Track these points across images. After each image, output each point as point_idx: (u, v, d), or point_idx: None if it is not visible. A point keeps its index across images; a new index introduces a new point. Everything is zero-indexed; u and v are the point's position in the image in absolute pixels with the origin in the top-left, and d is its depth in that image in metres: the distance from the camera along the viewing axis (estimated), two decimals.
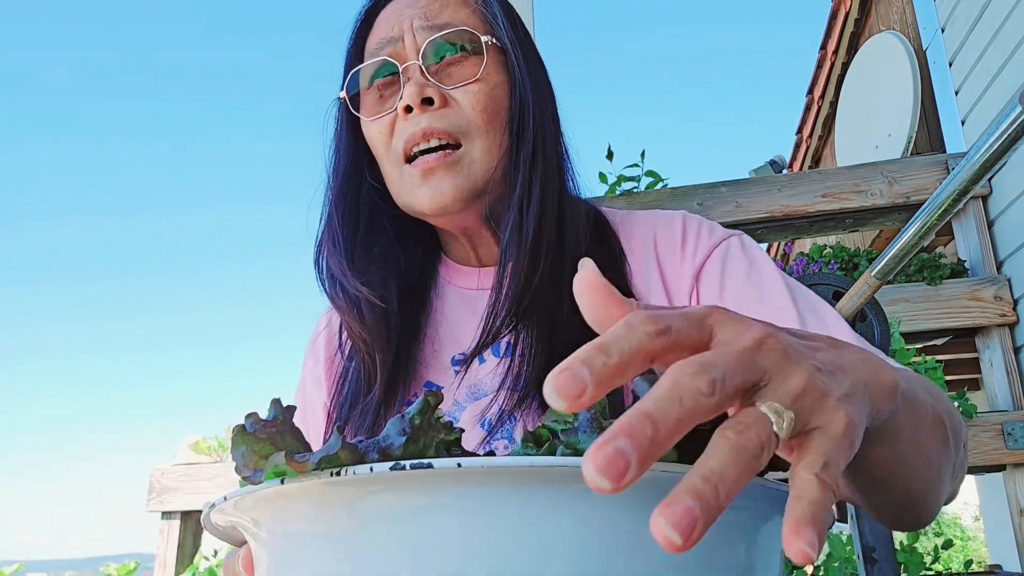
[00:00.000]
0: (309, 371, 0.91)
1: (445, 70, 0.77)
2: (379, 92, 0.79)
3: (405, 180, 0.77)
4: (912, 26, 3.48)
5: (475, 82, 0.76)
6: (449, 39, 0.76)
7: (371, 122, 0.78)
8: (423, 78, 0.75)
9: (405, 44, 0.77)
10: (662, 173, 2.87)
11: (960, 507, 10.83)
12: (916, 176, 2.59)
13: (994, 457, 2.25)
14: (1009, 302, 2.43)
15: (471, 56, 0.77)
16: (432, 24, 0.77)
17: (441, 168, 0.75)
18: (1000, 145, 0.99)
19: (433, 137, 0.75)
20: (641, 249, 0.82)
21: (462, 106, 0.76)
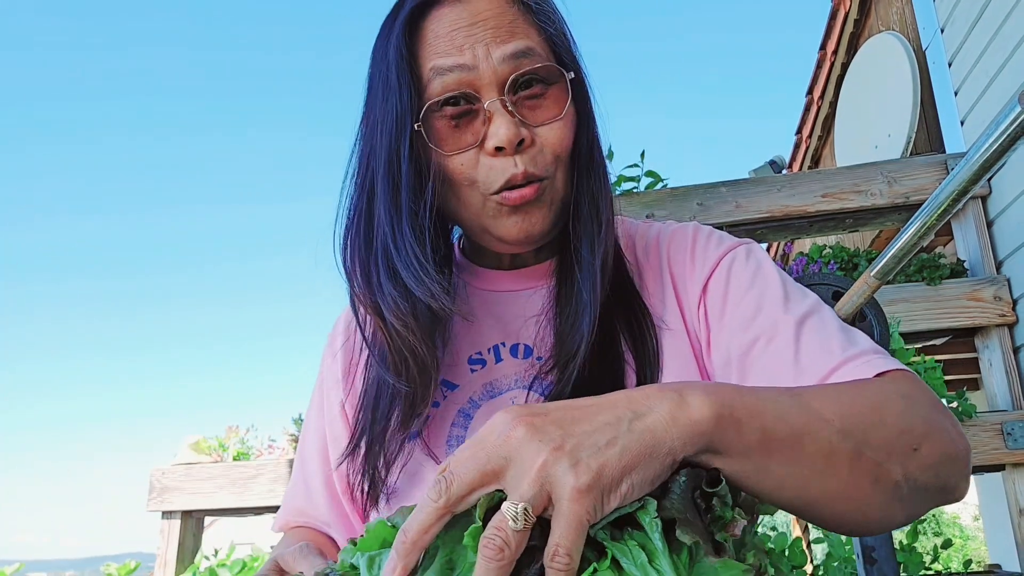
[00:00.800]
0: (328, 369, 0.91)
1: (528, 104, 0.74)
2: (452, 122, 0.74)
3: (489, 208, 0.76)
4: (912, 26, 3.48)
5: (560, 120, 0.75)
6: (534, 75, 0.73)
7: (449, 156, 0.74)
8: (512, 116, 0.72)
9: (482, 73, 0.72)
10: (662, 173, 2.87)
11: (960, 507, 10.83)
12: (915, 176, 2.59)
13: (993, 457, 2.25)
14: (1008, 302, 2.43)
15: (551, 90, 0.75)
16: (511, 49, 0.72)
17: (534, 202, 0.75)
18: (999, 145, 1.00)
19: (530, 179, 0.74)
20: (656, 262, 0.83)
21: (548, 144, 0.75)
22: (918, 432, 0.57)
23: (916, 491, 0.57)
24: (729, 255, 0.79)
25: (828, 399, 0.55)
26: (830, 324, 0.70)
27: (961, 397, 2.33)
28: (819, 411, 0.53)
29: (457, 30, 0.73)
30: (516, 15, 0.75)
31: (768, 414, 0.50)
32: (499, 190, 0.74)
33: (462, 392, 0.81)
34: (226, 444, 3.12)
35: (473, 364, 0.82)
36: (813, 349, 0.67)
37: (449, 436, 0.79)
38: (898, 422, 0.56)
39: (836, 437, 0.53)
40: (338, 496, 0.87)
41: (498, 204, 0.75)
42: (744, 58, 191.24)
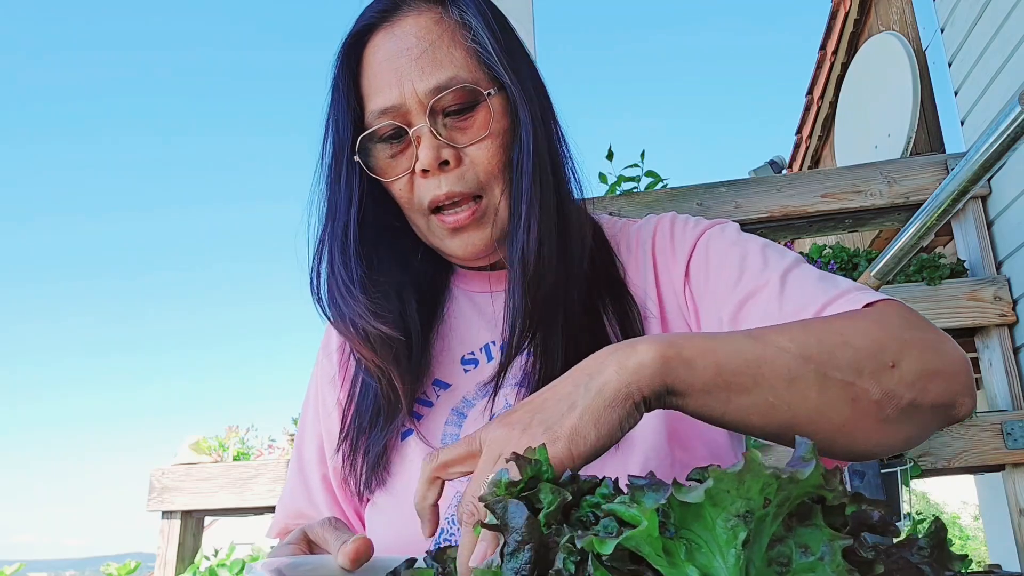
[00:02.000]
0: (323, 371, 0.93)
1: (454, 125, 0.78)
2: (388, 151, 0.79)
3: (434, 229, 0.80)
4: (912, 26, 3.48)
5: (486, 138, 0.78)
6: (455, 97, 0.76)
7: (389, 184, 0.80)
8: (436, 139, 0.76)
9: (408, 103, 0.77)
10: (662, 173, 2.87)
11: (959, 507, 10.83)
12: (915, 176, 2.59)
13: (993, 457, 2.25)
14: (1008, 302, 2.43)
15: (478, 107, 0.78)
16: (433, 81, 0.76)
17: (471, 225, 0.79)
18: (999, 145, 1.00)
19: (455, 197, 0.78)
20: (639, 255, 0.85)
21: (477, 162, 0.78)
22: (892, 349, 0.57)
23: (904, 410, 0.56)
24: (705, 235, 0.81)
25: (788, 331, 0.57)
26: (811, 274, 0.72)
27: None
28: (775, 341, 0.56)
29: (387, 61, 0.78)
30: (442, 36, 0.77)
31: (720, 351, 0.54)
32: (429, 209, 0.79)
33: (455, 391, 0.83)
34: (226, 444, 3.12)
35: (466, 364, 0.84)
36: (796, 297, 0.69)
37: (443, 434, 0.81)
38: (866, 342, 0.57)
39: (795, 362, 0.55)
40: (336, 494, 0.88)
41: (439, 227, 0.80)
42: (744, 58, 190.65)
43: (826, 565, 0.35)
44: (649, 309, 0.81)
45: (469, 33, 0.78)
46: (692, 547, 0.36)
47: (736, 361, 0.54)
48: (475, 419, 0.80)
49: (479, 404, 0.81)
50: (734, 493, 0.34)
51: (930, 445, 2.26)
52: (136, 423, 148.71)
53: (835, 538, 0.35)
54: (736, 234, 0.80)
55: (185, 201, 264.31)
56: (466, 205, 0.78)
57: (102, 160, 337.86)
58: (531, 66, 0.83)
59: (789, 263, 0.73)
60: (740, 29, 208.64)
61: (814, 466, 0.34)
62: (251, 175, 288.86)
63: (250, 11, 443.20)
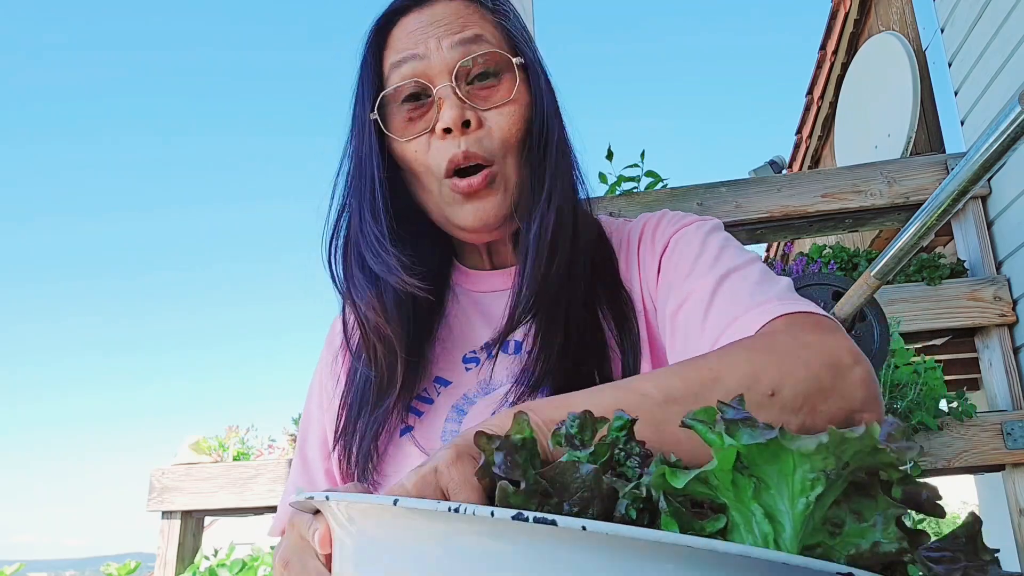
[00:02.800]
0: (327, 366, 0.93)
1: (478, 90, 0.78)
2: (408, 114, 0.79)
3: (445, 195, 0.79)
4: (912, 26, 3.48)
5: (508, 104, 0.78)
6: (482, 59, 0.77)
7: (404, 143, 0.79)
8: (459, 100, 0.76)
9: (433, 62, 0.77)
10: (662, 173, 2.88)
11: (959, 506, 10.84)
12: (915, 176, 2.59)
13: (993, 457, 2.25)
14: (1008, 302, 2.43)
15: (502, 76, 0.79)
16: (461, 39, 0.77)
17: (484, 189, 0.78)
18: (999, 145, 1.00)
19: (473, 160, 0.77)
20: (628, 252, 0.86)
21: (497, 127, 0.78)
22: (770, 376, 0.54)
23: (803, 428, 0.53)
24: (680, 231, 0.81)
25: (655, 376, 0.56)
26: (751, 277, 0.69)
27: (961, 397, 2.33)
28: (639, 388, 0.54)
29: (415, 31, 0.79)
30: (472, 12, 0.80)
31: (577, 408, 0.49)
32: (446, 173, 0.77)
33: (456, 388, 0.83)
34: (226, 444, 3.12)
35: (468, 363, 0.85)
36: (722, 303, 0.68)
37: (443, 431, 0.81)
38: (738, 375, 0.55)
39: (659, 408, 0.52)
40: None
41: (452, 192, 0.78)
42: (744, 58, 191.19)
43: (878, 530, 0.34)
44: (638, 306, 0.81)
45: (499, 15, 0.82)
46: (760, 486, 0.35)
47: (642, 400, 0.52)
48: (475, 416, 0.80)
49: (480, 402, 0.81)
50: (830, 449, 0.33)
51: (930, 445, 2.26)
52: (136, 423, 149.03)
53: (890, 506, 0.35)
54: (707, 232, 0.78)
55: (185, 201, 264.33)
56: (480, 172, 0.78)
57: (102, 160, 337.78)
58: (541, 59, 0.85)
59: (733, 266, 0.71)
60: (740, 29, 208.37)
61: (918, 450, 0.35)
62: (251, 175, 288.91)
63: (250, 11, 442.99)
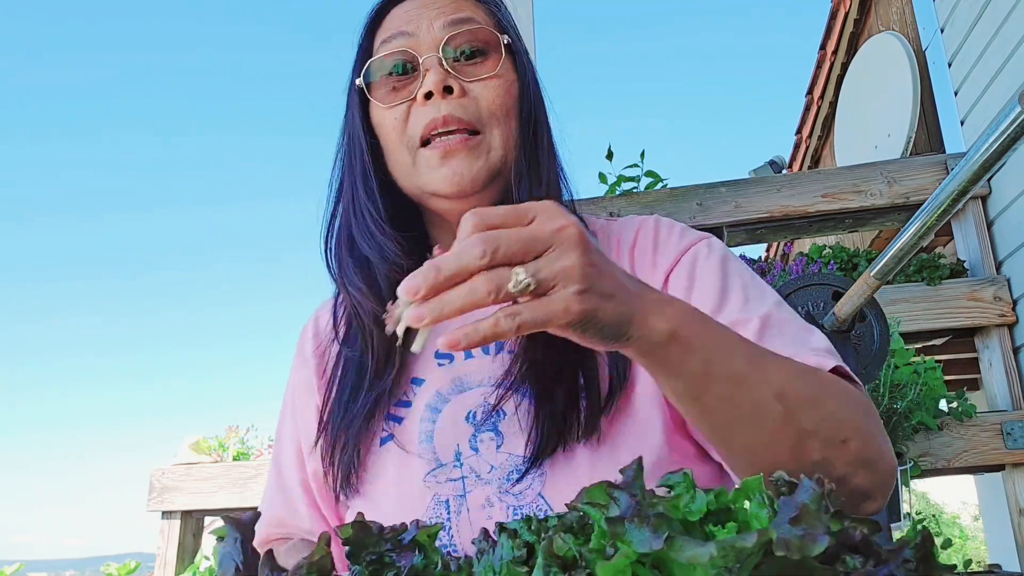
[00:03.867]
0: (300, 377, 0.91)
1: (463, 65, 0.80)
2: (393, 84, 0.81)
3: (420, 163, 0.79)
4: (912, 26, 3.48)
5: (493, 77, 0.80)
6: (469, 35, 0.80)
7: (386, 109, 0.80)
8: (443, 69, 0.78)
9: (422, 39, 0.79)
10: (662, 173, 2.87)
11: (960, 507, 10.83)
12: (915, 176, 2.59)
13: (993, 457, 2.25)
14: (1008, 302, 2.43)
15: (488, 53, 0.81)
16: (451, 19, 0.80)
17: (462, 151, 0.78)
18: (999, 145, 1.00)
19: (453, 124, 0.77)
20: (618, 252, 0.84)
21: (480, 99, 0.79)
22: (849, 427, 0.60)
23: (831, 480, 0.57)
24: (692, 250, 0.80)
25: (781, 365, 0.59)
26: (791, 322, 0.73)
27: (961, 397, 2.33)
28: (765, 368, 0.58)
29: (409, 11, 0.82)
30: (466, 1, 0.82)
31: (717, 349, 0.55)
32: (422, 138, 0.78)
33: (428, 387, 0.81)
34: (226, 444, 3.12)
35: (440, 358, 0.82)
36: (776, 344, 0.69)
37: (420, 433, 0.79)
38: (834, 411, 0.60)
39: (772, 398, 0.57)
40: (317, 502, 0.86)
41: (427, 157, 0.79)
42: (744, 58, 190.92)
43: None
44: None
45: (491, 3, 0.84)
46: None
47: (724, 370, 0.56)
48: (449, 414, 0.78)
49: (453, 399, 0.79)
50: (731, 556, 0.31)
51: (930, 445, 2.26)
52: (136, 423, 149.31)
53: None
54: (722, 258, 0.79)
55: (185, 201, 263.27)
56: (459, 134, 0.78)
57: (102, 160, 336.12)
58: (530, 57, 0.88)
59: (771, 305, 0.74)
60: (740, 29, 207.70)
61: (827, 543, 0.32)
62: (251, 175, 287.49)
63: (250, 11, 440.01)
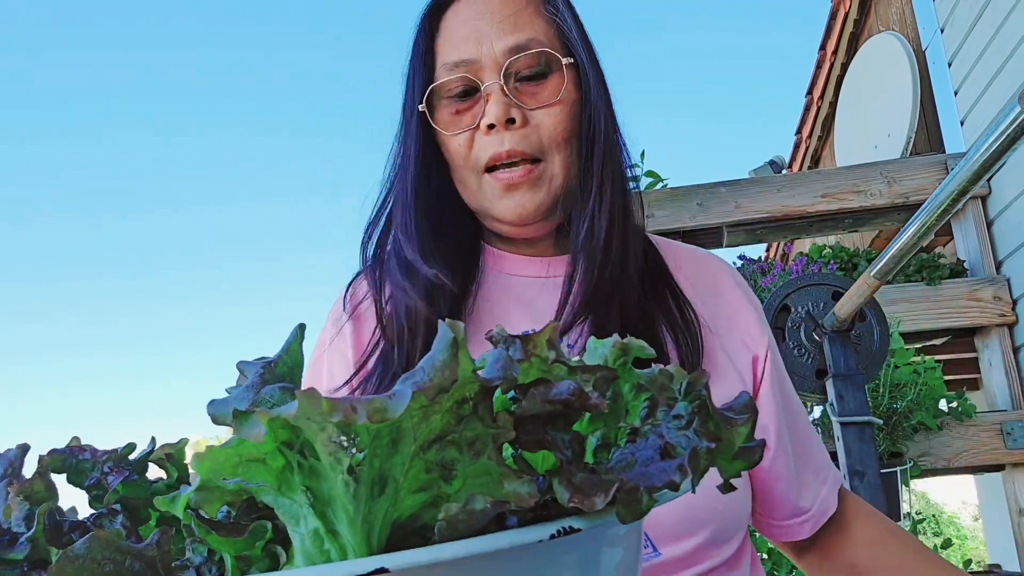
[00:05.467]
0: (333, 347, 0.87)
1: (525, 89, 0.79)
2: (455, 107, 0.80)
3: (485, 189, 0.80)
4: (911, 26, 3.48)
5: (556, 104, 0.78)
6: (530, 60, 0.78)
7: (450, 137, 0.80)
8: (505, 97, 0.77)
9: (483, 61, 0.78)
10: (662, 173, 2.88)
11: (959, 507, 10.83)
12: (915, 176, 2.59)
13: (993, 457, 2.26)
14: (1008, 302, 2.44)
15: (550, 75, 0.79)
16: (512, 41, 0.78)
17: (524, 184, 0.78)
18: (999, 145, 1.00)
19: (516, 157, 0.78)
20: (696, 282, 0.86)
21: (543, 126, 0.78)
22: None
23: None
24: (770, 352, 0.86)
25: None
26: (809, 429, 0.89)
27: (961, 397, 2.33)
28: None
29: (466, 24, 0.79)
30: (524, 6, 0.80)
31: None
32: (486, 166, 0.79)
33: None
34: None
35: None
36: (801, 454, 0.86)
37: None
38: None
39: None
40: None
41: (491, 186, 0.80)
42: (744, 58, 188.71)
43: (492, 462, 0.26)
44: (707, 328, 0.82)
45: (552, 7, 0.81)
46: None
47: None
48: None
49: None
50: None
51: (930, 445, 2.26)
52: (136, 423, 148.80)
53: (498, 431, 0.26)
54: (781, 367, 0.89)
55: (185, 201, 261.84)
56: (523, 166, 0.78)
57: (102, 160, 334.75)
58: (596, 55, 0.85)
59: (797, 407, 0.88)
60: (740, 29, 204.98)
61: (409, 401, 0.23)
62: (251, 175, 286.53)
63: (250, 11, 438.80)
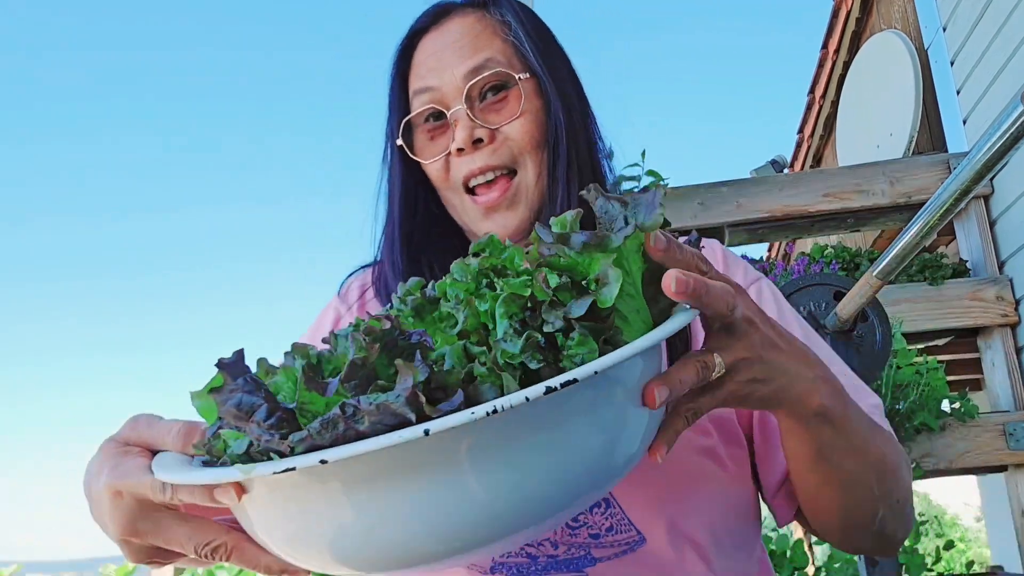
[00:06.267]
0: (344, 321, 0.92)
1: (489, 107, 0.84)
2: (429, 134, 0.86)
3: (468, 210, 0.85)
4: (914, 25, 3.47)
5: (519, 116, 0.83)
6: (489, 81, 0.84)
7: (428, 164, 0.86)
8: (470, 121, 0.82)
9: (446, 90, 0.84)
10: (663, 173, 2.87)
11: (962, 508, 10.82)
12: (918, 176, 2.58)
13: (996, 457, 2.25)
14: (1011, 302, 2.42)
15: (510, 91, 0.84)
16: (470, 64, 0.83)
17: (502, 205, 0.83)
18: (1002, 144, 0.99)
19: (489, 171, 0.83)
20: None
21: (511, 137, 0.83)
22: (907, 490, 0.73)
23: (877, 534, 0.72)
24: (755, 285, 0.87)
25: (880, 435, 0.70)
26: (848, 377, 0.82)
27: (963, 398, 2.32)
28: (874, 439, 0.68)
29: (432, 55, 0.86)
30: (483, 31, 0.86)
31: (849, 423, 0.64)
32: (465, 186, 0.84)
33: None
34: None
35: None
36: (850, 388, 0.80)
37: None
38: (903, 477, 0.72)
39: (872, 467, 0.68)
40: None
41: (473, 208, 0.85)
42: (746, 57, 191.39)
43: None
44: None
45: (508, 29, 0.87)
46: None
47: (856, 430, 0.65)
48: None
49: None
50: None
51: (933, 446, 2.25)
52: None
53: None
54: (781, 305, 0.87)
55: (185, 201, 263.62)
56: (499, 182, 0.83)
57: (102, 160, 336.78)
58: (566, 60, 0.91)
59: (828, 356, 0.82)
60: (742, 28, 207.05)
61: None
62: (251, 175, 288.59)
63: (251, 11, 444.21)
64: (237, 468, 0.39)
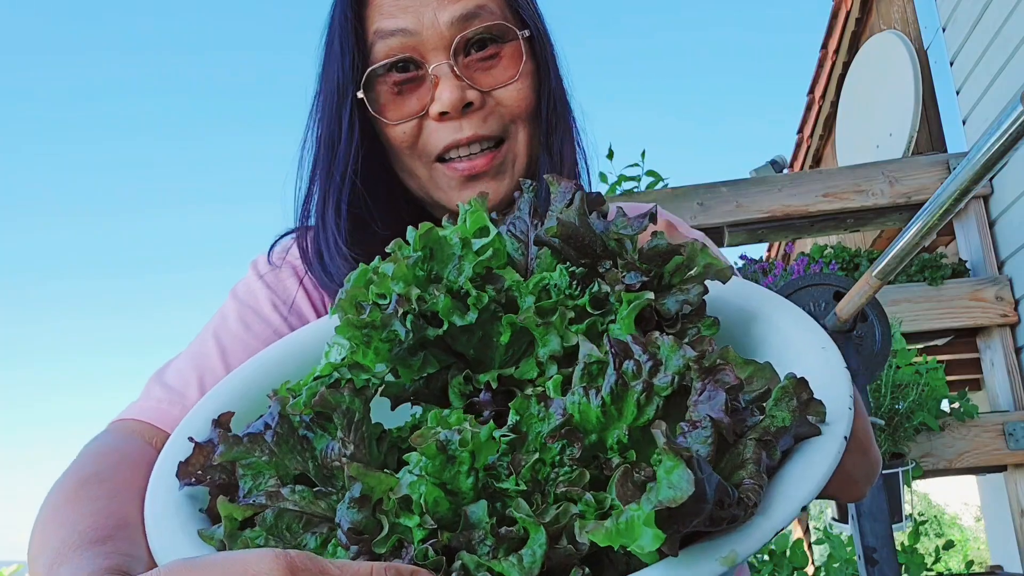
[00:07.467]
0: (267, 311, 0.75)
1: (479, 66, 0.70)
2: (395, 88, 0.70)
3: (438, 180, 0.72)
4: (913, 25, 3.48)
5: (516, 80, 0.70)
6: (483, 31, 0.69)
7: (393, 125, 0.70)
8: (458, 80, 0.68)
9: (426, 36, 0.68)
10: (662, 173, 2.88)
11: (961, 508, 10.82)
12: (917, 176, 2.58)
13: (995, 457, 2.25)
14: (1010, 302, 2.43)
15: (506, 48, 0.71)
16: (459, 10, 0.68)
17: (487, 174, 0.70)
18: (1001, 145, 0.99)
19: (476, 142, 0.70)
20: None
21: (503, 105, 0.71)
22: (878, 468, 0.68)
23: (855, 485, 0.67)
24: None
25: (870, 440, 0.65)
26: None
27: (963, 397, 2.32)
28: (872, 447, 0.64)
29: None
30: None
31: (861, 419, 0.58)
32: (441, 156, 0.70)
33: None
34: None
35: None
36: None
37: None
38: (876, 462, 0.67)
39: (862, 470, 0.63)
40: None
41: (446, 176, 0.71)
42: (745, 57, 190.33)
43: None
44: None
45: None
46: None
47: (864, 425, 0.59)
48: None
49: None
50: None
51: (932, 446, 2.25)
52: None
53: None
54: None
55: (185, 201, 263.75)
56: (484, 151, 0.70)
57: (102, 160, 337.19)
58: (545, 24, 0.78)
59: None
60: (741, 28, 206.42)
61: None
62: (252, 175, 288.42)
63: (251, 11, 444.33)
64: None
